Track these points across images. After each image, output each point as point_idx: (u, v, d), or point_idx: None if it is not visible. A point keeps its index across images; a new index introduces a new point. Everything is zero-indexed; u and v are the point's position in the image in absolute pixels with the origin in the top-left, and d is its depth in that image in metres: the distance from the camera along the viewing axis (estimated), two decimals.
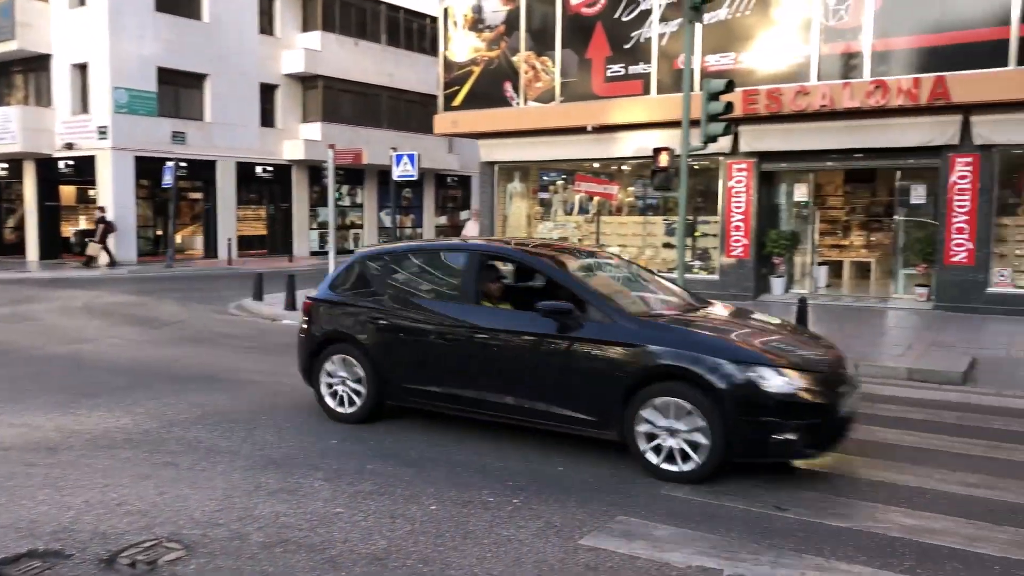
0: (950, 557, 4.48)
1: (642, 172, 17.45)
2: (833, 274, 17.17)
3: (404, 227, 34.28)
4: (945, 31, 13.32)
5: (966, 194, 13.51)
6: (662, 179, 11.84)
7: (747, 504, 5.28)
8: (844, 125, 14.25)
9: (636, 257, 17.45)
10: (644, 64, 16.23)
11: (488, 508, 5.22)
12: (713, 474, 5.61)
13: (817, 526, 4.92)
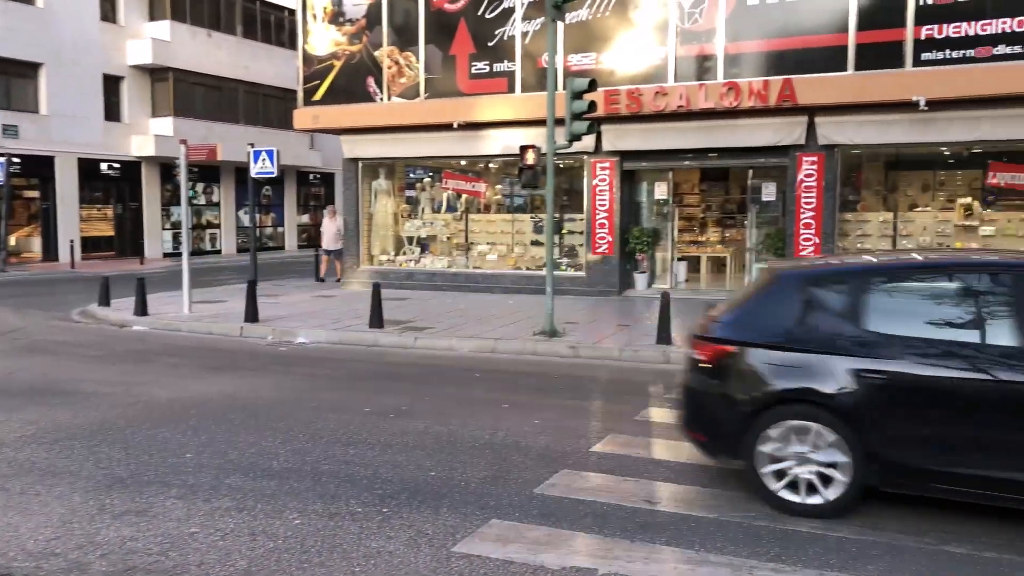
0: (811, 541, 4.62)
1: (509, 170, 17.50)
2: (692, 269, 17.79)
3: (264, 226, 33.05)
4: (791, 36, 14.03)
5: (812, 191, 14.29)
6: (529, 177, 11.86)
7: (619, 500, 5.29)
8: (700, 125, 14.77)
9: (505, 255, 17.50)
10: (508, 62, 16.25)
11: (356, 519, 4.98)
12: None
13: (687, 519, 4.98)
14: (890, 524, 4.85)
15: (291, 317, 13.48)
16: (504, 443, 6.57)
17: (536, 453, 6.29)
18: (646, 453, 6.31)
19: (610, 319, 12.99)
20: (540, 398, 8.23)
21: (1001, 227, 13.99)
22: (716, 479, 5.66)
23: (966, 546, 4.51)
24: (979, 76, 12.73)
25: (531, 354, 10.75)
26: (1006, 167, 13.71)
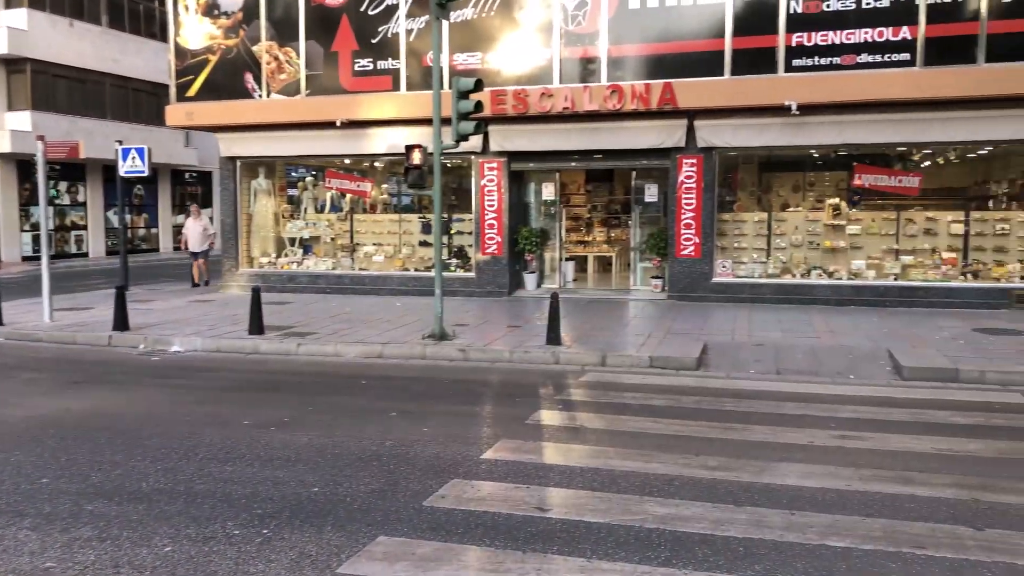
0: (700, 543, 4.65)
1: (395, 169, 17.22)
2: (579, 269, 17.98)
3: (136, 228, 31.36)
4: (672, 40, 14.36)
5: (692, 192, 14.68)
6: (416, 177, 11.64)
7: (510, 508, 5.19)
8: (585, 127, 14.92)
9: (392, 256, 17.19)
10: (393, 60, 15.95)
11: (234, 543, 4.68)
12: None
13: (578, 525, 4.93)
14: (775, 520, 4.94)
15: (165, 324, 12.77)
16: (392, 454, 6.37)
17: (425, 463, 6.12)
18: (537, 458, 6.25)
19: (500, 320, 12.93)
20: (429, 405, 8.05)
21: (866, 226, 14.76)
22: (607, 482, 5.65)
23: (846, 540, 4.64)
24: (845, 83, 13.38)
25: (420, 358, 10.54)
26: (870, 169, 14.47)
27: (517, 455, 6.30)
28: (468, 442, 6.65)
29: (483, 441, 6.69)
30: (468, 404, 8.05)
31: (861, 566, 4.32)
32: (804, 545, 4.59)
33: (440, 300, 11.24)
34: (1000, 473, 5.76)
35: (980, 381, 8.82)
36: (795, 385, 8.79)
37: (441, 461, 6.16)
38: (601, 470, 5.90)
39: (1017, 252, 13.97)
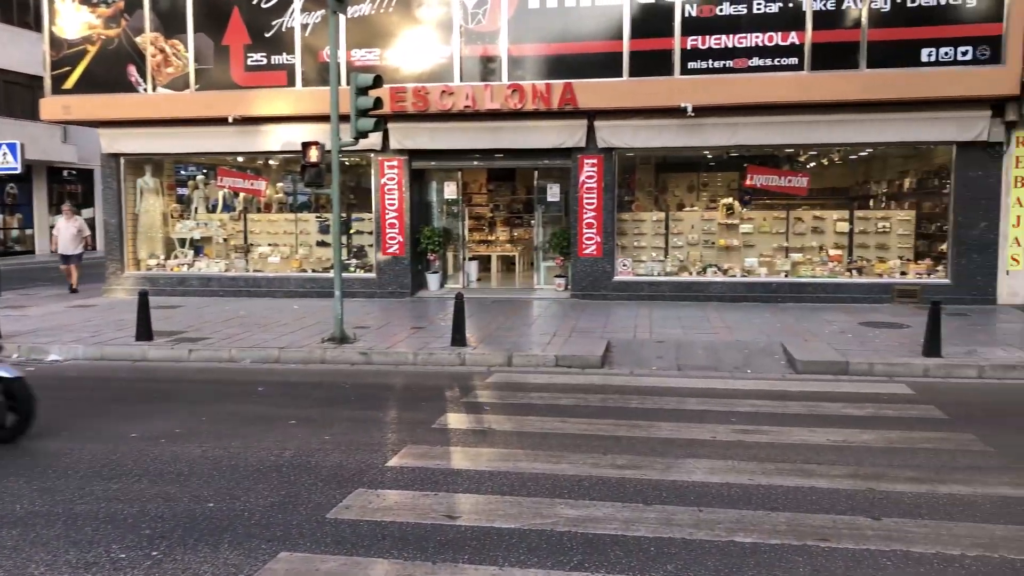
0: (612, 544, 4.61)
1: (291, 167, 16.71)
2: (483, 268, 17.90)
3: (9, 228, 29.39)
4: (572, 41, 14.44)
5: (593, 192, 14.82)
6: (313, 175, 11.27)
7: (418, 517, 5.03)
8: (486, 126, 14.84)
9: (289, 257, 16.67)
10: (288, 55, 15.44)
11: (120, 568, 4.35)
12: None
13: (489, 531, 4.82)
14: (684, 518, 4.96)
15: (42, 331, 11.95)
16: (293, 464, 6.10)
17: (328, 473, 5.88)
18: (445, 463, 6.10)
19: (403, 322, 12.69)
20: (331, 411, 7.78)
21: (758, 225, 15.26)
22: (517, 485, 5.56)
23: (753, 535, 4.70)
24: (737, 85, 13.77)
25: (320, 362, 10.21)
26: (761, 170, 14.95)
27: (424, 461, 6.14)
28: (372, 449, 6.45)
29: (388, 448, 6.50)
30: (372, 409, 7.83)
31: (769, 561, 4.37)
32: (713, 542, 4.62)
33: (340, 302, 10.93)
34: (892, 463, 5.98)
35: (869, 373, 9.20)
36: (696, 381, 8.95)
37: (344, 470, 5.94)
38: (510, 473, 5.81)
39: (898, 249, 14.72)
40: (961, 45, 13.11)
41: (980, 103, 13.29)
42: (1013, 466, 5.87)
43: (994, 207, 13.64)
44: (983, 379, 8.93)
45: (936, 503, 5.17)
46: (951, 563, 4.32)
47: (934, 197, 14.82)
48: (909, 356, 9.55)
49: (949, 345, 9.77)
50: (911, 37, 13.31)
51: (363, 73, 11.15)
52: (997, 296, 13.71)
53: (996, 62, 13.00)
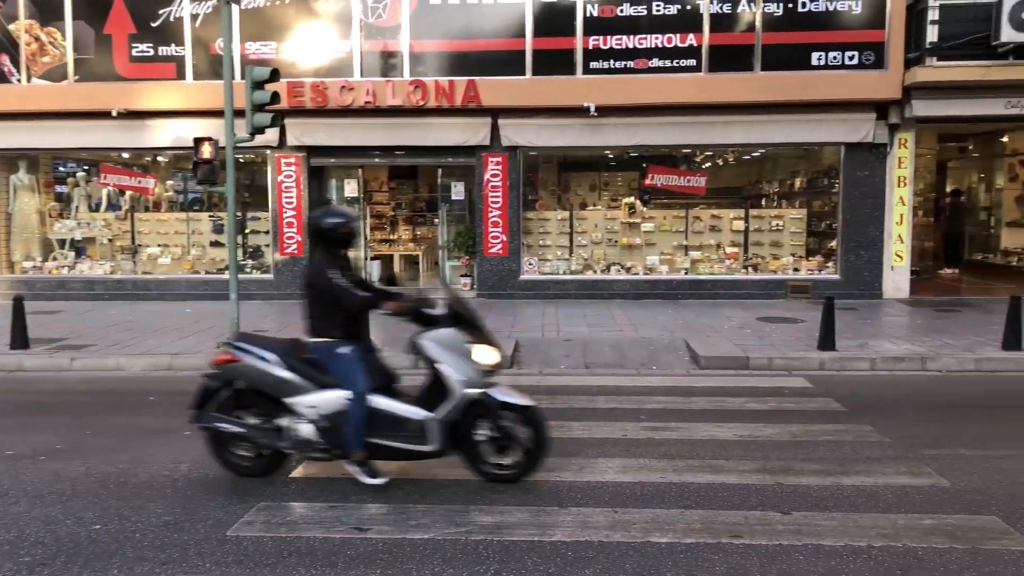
0: (529, 551, 4.51)
1: (182, 164, 15.94)
2: (385, 268, 17.56)
3: None
4: (475, 38, 14.31)
5: (498, 191, 14.73)
6: (206, 172, 10.75)
7: (325, 531, 4.80)
8: (388, 122, 14.53)
9: (181, 258, 15.90)
10: (177, 46, 14.72)
11: None
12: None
13: (401, 543, 4.64)
14: (600, 520, 4.90)
15: None
16: (189, 479, 5.75)
17: (228, 487, 5.56)
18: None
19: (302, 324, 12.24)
20: None
21: (659, 224, 15.53)
22: (429, 493, 5.39)
23: (668, 535, 4.68)
24: (637, 86, 13.95)
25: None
26: (662, 170, 15.21)
27: (330, 470, 5.86)
28: None
29: (291, 458, 6.19)
30: None
31: (686, 561, 4.36)
32: (630, 544, 4.58)
33: (236, 305, 10.46)
34: (797, 456, 6.11)
35: (768, 368, 9.45)
36: (604, 379, 8.98)
37: (246, 483, 5.63)
38: (422, 480, 5.63)
39: (790, 247, 15.25)
40: (848, 50, 13.69)
41: (866, 106, 13.90)
42: (908, 455, 6.09)
43: (879, 206, 14.30)
44: (875, 371, 9.30)
45: (841, 495, 5.29)
46: (859, 554, 4.41)
47: (824, 196, 15.43)
48: (805, 350, 9.86)
49: (842, 339, 10.15)
50: (802, 41, 13.81)
51: (259, 66, 10.70)
52: (883, 291, 14.38)
53: (880, 67, 13.63)
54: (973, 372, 9.22)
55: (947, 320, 12.01)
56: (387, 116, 14.48)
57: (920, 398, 8.01)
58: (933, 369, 9.30)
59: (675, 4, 13.96)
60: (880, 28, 13.62)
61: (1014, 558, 4.37)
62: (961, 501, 5.17)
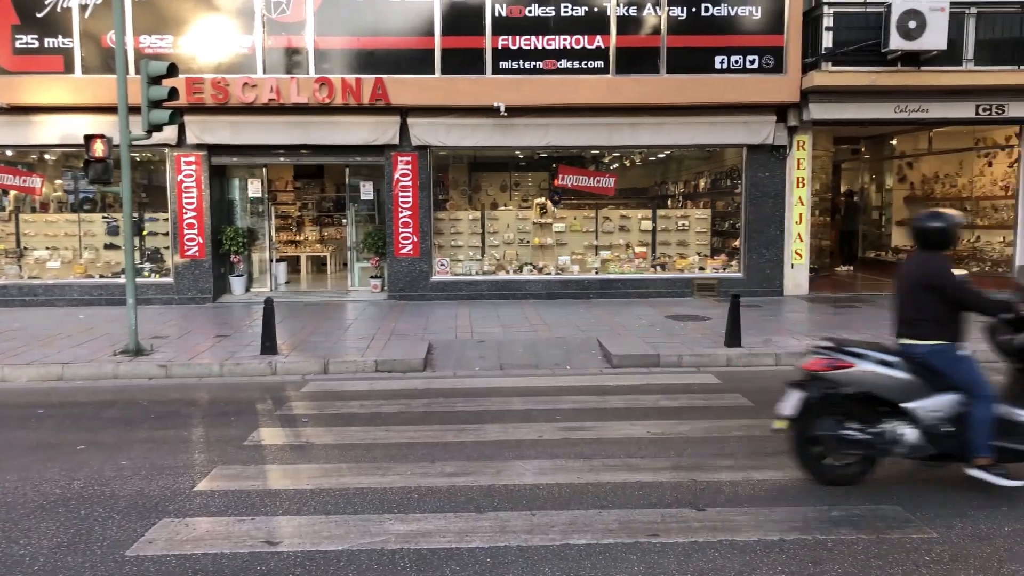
0: (447, 559, 4.41)
1: (72, 163, 15.13)
2: (292, 270, 17.13)
3: None
4: (382, 35, 14.07)
5: (408, 191, 14.54)
6: (99, 171, 10.18)
7: (234, 546, 4.59)
8: (293, 120, 14.14)
9: (71, 262, 15.08)
10: (65, 38, 13.93)
11: None
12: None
13: (314, 555, 4.47)
14: (518, 524, 4.85)
15: None
16: (83, 496, 5.41)
17: (126, 504, 5.25)
18: (261, 484, 5.64)
19: (206, 329, 11.81)
20: (127, 432, 7.01)
21: (570, 224, 15.64)
22: (342, 502, 5.22)
23: (587, 536, 4.67)
24: (547, 86, 14.00)
25: (112, 378, 9.25)
26: (572, 170, 15.32)
27: (237, 482, 5.64)
28: (178, 473, 5.85)
29: (196, 470, 5.93)
30: (175, 428, 7.14)
31: (604, 563, 4.35)
32: (549, 547, 4.54)
33: (134, 310, 9.97)
34: (709, 452, 6.22)
35: (678, 365, 9.61)
36: (519, 379, 8.94)
37: (146, 499, 5.34)
38: (334, 490, 5.46)
39: (696, 246, 15.61)
40: (749, 54, 14.09)
41: (766, 109, 14.35)
42: None
43: (780, 206, 14.78)
44: (779, 366, 9.58)
45: (753, 489, 5.40)
46: (772, 548, 4.50)
47: (728, 196, 15.85)
48: (713, 347, 10.08)
49: (747, 335, 10.42)
50: (705, 45, 14.13)
51: (155, 61, 10.21)
52: (784, 288, 14.88)
53: (779, 71, 14.08)
54: None
55: (844, 316, 12.50)
56: (292, 114, 14.09)
57: None
58: None
59: (582, 6, 14.08)
60: (779, 33, 14.08)
61: (915, 545, 4.53)
62: (865, 492, 5.35)
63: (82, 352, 10.12)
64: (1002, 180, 16.03)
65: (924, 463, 5.44)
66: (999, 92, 14.06)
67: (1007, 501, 5.15)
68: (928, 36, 12.88)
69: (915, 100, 14.14)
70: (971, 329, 5.46)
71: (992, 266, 16.06)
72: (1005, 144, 15.88)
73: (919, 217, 5.48)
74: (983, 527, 4.77)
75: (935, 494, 5.29)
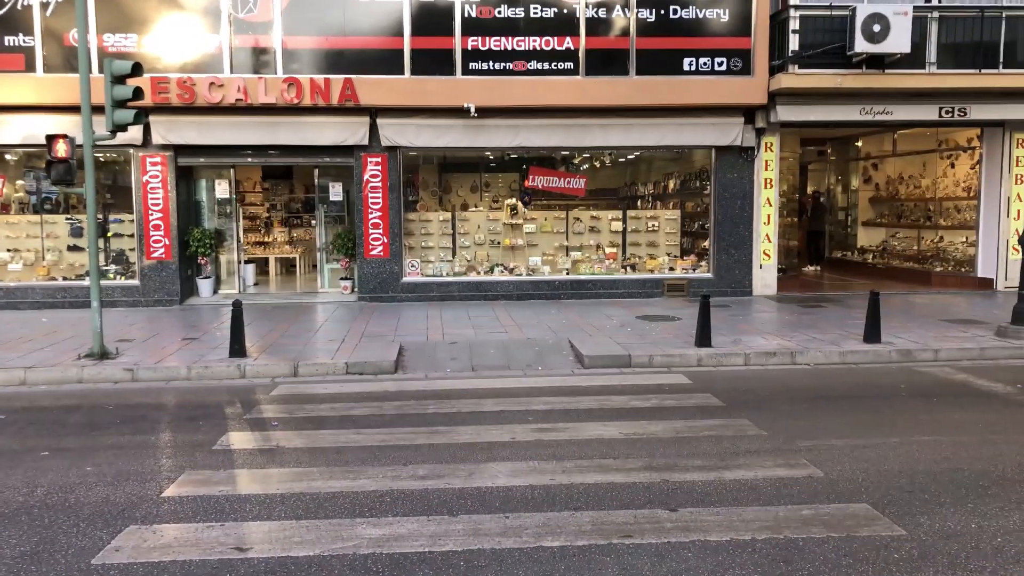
0: (420, 563, 4.38)
1: (35, 163, 14.83)
2: (260, 272, 16.96)
3: None
4: (351, 35, 13.98)
5: (378, 191, 14.45)
6: (61, 172, 9.99)
7: (203, 553, 4.52)
8: (261, 121, 14.00)
9: (34, 264, 14.79)
10: (26, 36, 13.67)
11: None
12: None
13: (285, 561, 4.41)
14: (492, 527, 4.83)
15: None
16: (46, 504, 5.29)
17: (92, 511, 5.15)
18: (230, 489, 5.56)
19: (173, 332, 11.64)
20: (92, 438, 6.89)
21: (540, 225, 15.66)
22: (314, 507, 5.17)
23: (560, 538, 4.66)
24: (517, 87, 14.00)
25: (76, 383, 9.08)
26: (542, 171, 15.35)
27: (206, 488, 5.56)
28: (145, 479, 5.76)
29: (163, 476, 5.83)
30: (141, 433, 7.02)
31: (579, 564, 4.34)
32: (522, 550, 4.53)
33: (99, 313, 9.79)
34: (681, 452, 6.25)
35: (649, 365, 9.66)
36: (491, 381, 8.93)
37: (112, 506, 5.24)
38: (305, 494, 5.40)
39: (666, 246, 15.71)
40: (717, 56, 14.21)
41: (734, 110, 14.49)
42: (784, 448, 6.33)
43: (748, 206, 14.93)
44: (749, 366, 9.67)
45: (725, 489, 5.43)
46: (744, 548, 4.52)
47: (697, 197, 15.97)
48: (683, 347, 10.14)
49: (717, 335, 10.51)
50: (674, 47, 14.22)
51: (119, 60, 10.05)
52: (753, 288, 15.02)
53: (747, 73, 14.22)
54: (838, 364, 9.73)
55: (812, 315, 12.65)
56: (260, 114, 13.95)
57: (792, 391, 8.37)
58: (802, 363, 9.75)
59: (552, 7, 14.11)
60: (747, 36, 14.21)
61: (885, 543, 4.59)
62: (835, 491, 5.41)
63: (45, 356, 9.92)
64: (964, 181, 16.33)
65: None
66: (961, 95, 14.33)
67: (975, 498, 5.24)
68: (892, 40, 13.09)
69: (880, 102, 14.36)
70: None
71: (955, 266, 16.37)
72: (967, 146, 16.19)
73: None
74: (951, 524, 4.84)
75: (905, 492, 5.36)
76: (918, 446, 6.35)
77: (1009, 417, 7.26)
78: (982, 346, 10.08)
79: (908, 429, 6.86)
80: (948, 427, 6.93)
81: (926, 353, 9.87)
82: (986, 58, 14.02)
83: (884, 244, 18.53)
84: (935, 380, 8.84)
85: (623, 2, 14.18)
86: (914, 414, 7.38)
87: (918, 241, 17.56)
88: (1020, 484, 5.51)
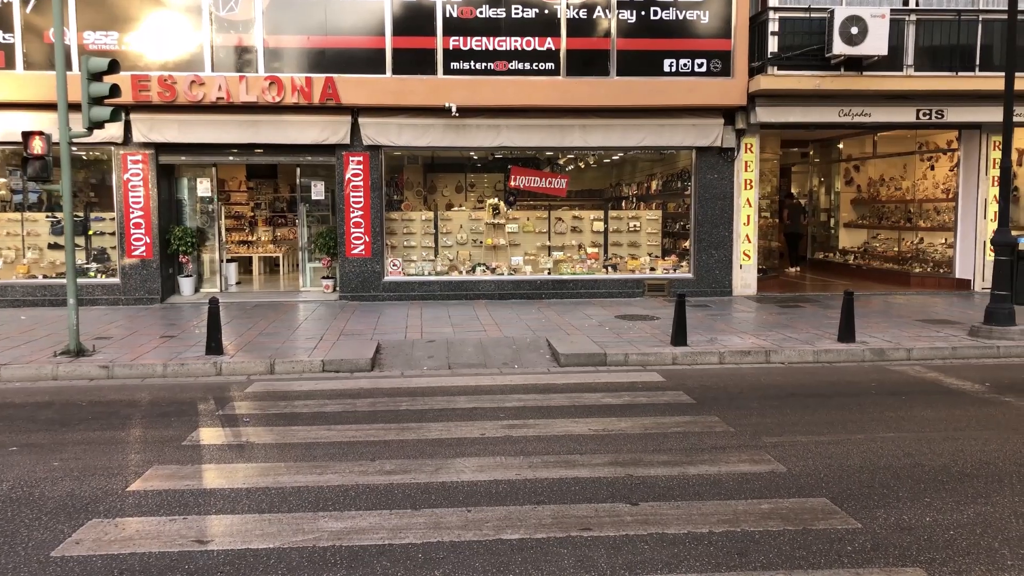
0: (379, 555, 4.41)
1: (13, 160, 14.79)
2: (243, 270, 16.95)
3: None
4: (333, 35, 13.99)
5: (360, 191, 14.47)
6: (37, 169, 9.97)
7: (163, 545, 4.54)
8: (243, 119, 14.00)
9: (14, 262, 14.75)
10: (6, 33, 13.64)
11: None
12: None
13: (244, 553, 4.44)
14: (453, 520, 4.87)
15: None
16: (10, 498, 5.30)
17: (55, 505, 5.16)
18: (196, 483, 5.58)
19: (152, 330, 11.62)
20: (62, 433, 6.89)
21: (523, 224, 15.70)
22: (277, 501, 5.19)
23: (520, 531, 4.70)
24: (499, 87, 14.04)
25: (51, 379, 9.07)
26: (525, 171, 15.40)
27: (172, 483, 5.58)
28: (111, 473, 5.77)
29: (130, 470, 5.84)
30: (112, 429, 7.03)
31: (535, 556, 4.38)
32: (481, 542, 4.56)
33: (75, 310, 9.78)
34: (647, 448, 6.30)
35: (624, 363, 9.71)
36: (466, 379, 8.96)
37: (76, 500, 5.25)
38: (270, 489, 5.43)
39: (647, 247, 15.77)
40: (697, 58, 14.29)
41: (714, 112, 14.57)
42: (750, 444, 6.39)
43: (728, 207, 15.01)
44: (723, 364, 9.73)
45: (687, 484, 5.48)
46: (701, 541, 4.57)
47: (678, 198, 16.05)
48: (659, 346, 10.20)
49: (694, 334, 10.57)
50: (655, 48, 14.29)
51: (96, 57, 10.04)
52: (733, 288, 15.10)
53: (727, 75, 14.30)
54: (812, 363, 9.81)
55: (790, 315, 12.73)
56: (242, 113, 13.95)
57: (764, 389, 8.44)
58: (776, 361, 9.83)
59: (533, 8, 14.15)
60: (727, 38, 14.29)
61: (839, 535, 4.64)
62: (796, 485, 5.46)
63: (21, 353, 9.90)
64: (943, 183, 16.47)
65: None
66: (938, 97, 14.46)
67: (932, 493, 5.31)
68: (870, 42, 13.19)
69: (858, 104, 14.47)
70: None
71: (934, 267, 16.49)
72: (946, 148, 16.32)
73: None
74: (906, 517, 4.90)
75: (865, 487, 5.42)
76: (882, 442, 6.43)
77: (974, 414, 7.34)
78: (954, 345, 10.17)
79: (874, 426, 6.93)
80: (914, 424, 7.00)
81: (899, 352, 9.96)
82: (963, 61, 14.14)
83: (865, 245, 18.66)
84: (906, 378, 8.92)
85: (604, 3, 14.24)
86: (882, 411, 7.45)
87: (898, 242, 17.69)
88: (978, 479, 5.58)
